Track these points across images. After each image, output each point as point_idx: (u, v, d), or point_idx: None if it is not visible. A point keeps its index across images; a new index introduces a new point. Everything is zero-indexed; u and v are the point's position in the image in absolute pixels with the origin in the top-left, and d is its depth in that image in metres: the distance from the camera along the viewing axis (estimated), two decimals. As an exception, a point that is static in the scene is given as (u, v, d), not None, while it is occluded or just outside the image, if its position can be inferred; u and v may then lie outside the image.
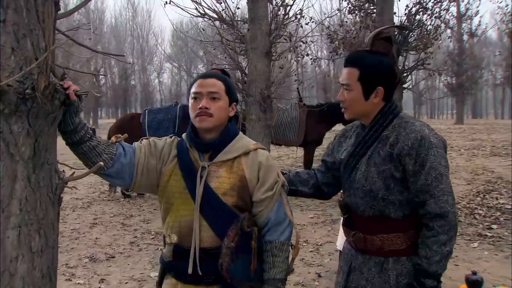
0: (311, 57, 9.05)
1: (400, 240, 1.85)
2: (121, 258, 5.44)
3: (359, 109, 1.92)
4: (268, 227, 1.89)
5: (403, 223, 1.85)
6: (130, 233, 6.52)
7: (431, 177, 1.77)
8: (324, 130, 9.00)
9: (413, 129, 1.82)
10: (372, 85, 1.87)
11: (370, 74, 1.86)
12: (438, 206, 1.76)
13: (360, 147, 1.93)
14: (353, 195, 1.94)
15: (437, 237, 1.75)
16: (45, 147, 1.57)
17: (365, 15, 8.69)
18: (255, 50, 7.41)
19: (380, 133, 1.89)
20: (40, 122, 1.54)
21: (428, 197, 1.77)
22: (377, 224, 1.88)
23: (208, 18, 7.65)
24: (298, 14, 7.67)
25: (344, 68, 1.93)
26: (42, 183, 1.56)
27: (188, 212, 1.87)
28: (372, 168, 1.86)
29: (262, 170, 1.89)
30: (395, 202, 1.84)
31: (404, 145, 1.80)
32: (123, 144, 1.92)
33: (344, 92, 1.92)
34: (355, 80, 1.87)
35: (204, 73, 1.97)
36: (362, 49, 1.94)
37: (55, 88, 1.54)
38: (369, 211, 1.89)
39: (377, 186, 1.85)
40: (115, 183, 1.95)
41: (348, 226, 2.01)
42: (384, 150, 1.85)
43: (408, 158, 1.79)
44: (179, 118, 8.37)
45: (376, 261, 1.89)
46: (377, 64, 1.87)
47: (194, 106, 1.89)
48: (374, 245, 1.88)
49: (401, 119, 1.90)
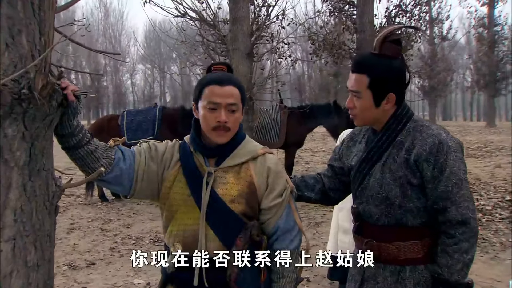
0: (291, 59, 9.02)
1: (417, 248, 1.78)
2: (102, 265, 5.25)
3: (370, 117, 1.83)
4: (276, 235, 1.80)
5: (420, 230, 1.79)
6: (109, 239, 6.32)
7: (452, 182, 1.70)
8: (305, 132, 8.98)
9: (430, 133, 1.75)
10: (383, 92, 1.78)
11: (381, 81, 1.77)
12: (459, 213, 1.69)
13: (373, 153, 1.85)
14: (366, 202, 1.86)
15: (459, 245, 1.69)
16: (42, 152, 1.45)
17: (345, 17, 8.72)
18: (236, 51, 7.34)
19: (394, 138, 1.81)
20: (37, 125, 1.41)
21: (449, 204, 1.71)
22: (393, 232, 1.81)
23: (189, 18, 7.52)
24: (280, 15, 7.61)
25: (352, 73, 1.82)
26: (38, 191, 1.44)
27: (193, 220, 1.76)
28: (387, 174, 1.79)
29: (271, 176, 1.80)
30: (413, 210, 1.77)
31: (422, 150, 1.72)
32: (121, 148, 1.80)
33: (353, 99, 1.82)
34: (365, 88, 1.78)
35: (219, 77, 1.78)
36: (370, 52, 1.84)
37: (53, 88, 1.42)
38: (385, 219, 1.81)
39: (393, 194, 1.77)
40: (114, 189, 1.83)
41: (359, 233, 1.92)
42: (400, 155, 1.77)
43: (426, 164, 1.72)
44: (158, 120, 8.22)
45: (391, 270, 1.81)
46: (387, 70, 1.77)
47: (211, 118, 1.74)
48: (389, 253, 1.80)
49: (415, 123, 1.82)
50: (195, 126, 1.85)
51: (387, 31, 1.80)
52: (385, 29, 1.83)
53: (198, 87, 1.80)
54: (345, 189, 2.05)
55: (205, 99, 1.76)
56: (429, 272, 1.77)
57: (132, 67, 56.51)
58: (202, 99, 1.77)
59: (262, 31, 7.44)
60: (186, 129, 8.62)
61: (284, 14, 7.63)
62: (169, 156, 1.84)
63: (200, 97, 1.78)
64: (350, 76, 1.85)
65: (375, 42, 1.81)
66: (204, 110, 1.76)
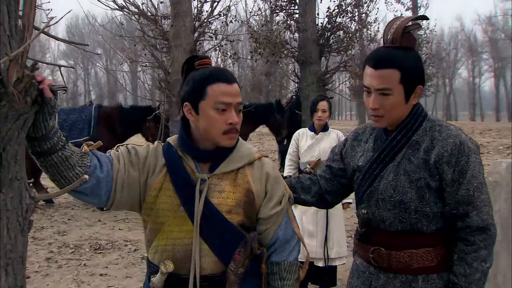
0: (233, 57, 8.88)
1: (430, 256, 1.67)
2: (37, 278, 4.80)
3: (398, 115, 1.69)
4: (275, 246, 1.65)
5: (434, 237, 1.68)
6: (44, 248, 5.82)
7: (473, 186, 1.61)
8: (248, 131, 8.91)
9: (450, 134, 1.65)
10: (413, 85, 1.67)
11: (412, 74, 1.65)
12: (480, 218, 1.61)
13: (386, 153, 1.73)
14: (375, 206, 1.74)
15: (478, 253, 1.60)
16: (15, 158, 1.22)
17: (287, 16, 8.74)
18: (178, 48, 7.06)
19: (409, 138, 1.70)
20: (9, 126, 1.18)
21: (471, 209, 1.61)
22: (405, 239, 1.69)
23: (128, 12, 7.13)
24: (225, 11, 7.45)
25: (376, 70, 1.65)
26: (10, 204, 1.21)
27: (185, 234, 1.57)
28: (402, 176, 1.68)
29: (270, 182, 1.64)
30: (429, 215, 1.66)
31: (444, 151, 1.63)
32: (97, 154, 1.56)
33: (379, 98, 1.67)
34: (397, 83, 1.64)
35: (224, 74, 1.60)
36: (388, 46, 1.70)
37: (31, 82, 1.19)
38: (398, 224, 1.70)
39: (408, 197, 1.66)
40: (89, 201, 1.58)
41: (366, 241, 1.79)
42: (417, 156, 1.67)
43: (447, 166, 1.62)
44: (94, 119, 7.75)
45: (402, 280, 1.69)
46: (415, 61, 1.67)
47: (221, 120, 1.56)
48: (400, 262, 1.68)
49: (432, 122, 1.72)
50: (184, 127, 1.66)
51: (403, 22, 1.68)
52: (397, 20, 1.70)
53: (197, 86, 1.59)
54: (343, 192, 1.95)
55: (211, 99, 1.56)
56: (444, 281, 1.67)
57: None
58: (205, 99, 1.56)
59: (205, 27, 7.23)
60: (126, 129, 8.15)
61: (229, 11, 7.49)
62: (153, 161, 1.63)
63: (203, 96, 1.57)
64: (371, 74, 1.67)
65: (392, 34, 1.67)
66: (211, 111, 1.56)
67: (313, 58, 8.22)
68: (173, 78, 7.09)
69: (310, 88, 8.23)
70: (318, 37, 8.23)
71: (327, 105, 4.13)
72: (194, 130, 1.63)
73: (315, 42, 8.16)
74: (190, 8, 7.15)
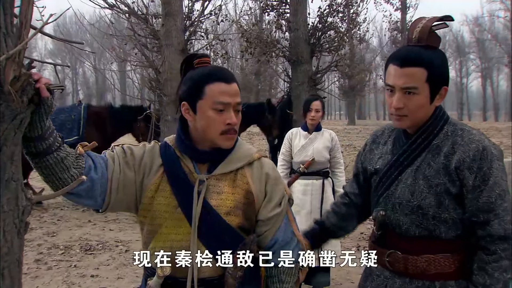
0: (224, 56, 8.84)
1: (448, 262, 1.62)
2: (27, 280, 4.73)
3: (423, 115, 1.64)
4: (274, 248, 1.62)
5: (453, 243, 1.64)
6: (33, 250, 5.74)
7: (495, 194, 1.55)
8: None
9: (472, 138, 1.60)
10: (439, 85, 1.62)
11: (438, 73, 1.61)
12: (502, 227, 1.55)
13: (405, 156, 1.68)
14: (392, 210, 1.69)
15: (499, 263, 1.55)
16: (11, 159, 1.19)
17: (278, 15, 8.74)
18: (169, 47, 7.03)
19: (430, 142, 1.65)
20: (5, 126, 1.15)
21: (492, 217, 1.56)
22: (423, 244, 1.65)
23: (118, 11, 7.07)
24: (217, 10, 7.41)
25: (402, 68, 1.60)
26: (7, 206, 1.18)
27: (182, 236, 1.54)
28: (421, 181, 1.63)
29: (270, 183, 1.61)
30: (448, 221, 1.62)
31: (465, 157, 1.57)
32: (91, 155, 1.53)
33: (403, 98, 1.61)
34: (423, 82, 1.59)
35: (223, 73, 1.58)
36: (414, 44, 1.64)
37: (28, 80, 1.16)
38: (415, 230, 1.65)
39: (427, 202, 1.61)
40: (84, 203, 1.55)
41: (381, 244, 1.74)
42: (438, 161, 1.62)
43: (469, 172, 1.57)
44: (83, 119, 7.66)
45: (419, 285, 1.64)
46: (442, 61, 1.62)
47: (219, 121, 1.53)
48: (417, 266, 1.63)
49: (454, 126, 1.67)
50: (182, 127, 1.63)
51: (429, 21, 1.63)
52: (422, 19, 1.65)
53: (195, 85, 1.56)
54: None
55: (209, 99, 1.53)
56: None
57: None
58: (204, 98, 1.53)
59: (196, 26, 7.19)
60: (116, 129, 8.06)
61: (221, 10, 7.45)
62: (149, 161, 1.60)
63: (201, 96, 1.54)
64: (396, 72, 1.61)
65: (418, 33, 1.62)
66: (209, 111, 1.53)
67: (304, 57, 8.22)
68: (163, 77, 7.06)
69: (301, 88, 8.23)
70: (309, 36, 8.23)
71: (320, 105, 4.13)
72: (192, 130, 1.60)
73: (306, 41, 8.16)
74: (181, 7, 7.12)
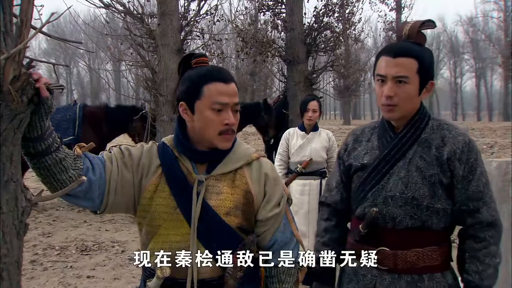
0: (220, 56, 8.84)
1: (435, 255, 1.69)
2: (22, 281, 4.59)
3: (411, 107, 1.71)
4: (273, 249, 1.62)
5: (440, 235, 1.71)
6: (28, 250, 5.70)
7: (482, 183, 1.67)
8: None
9: (459, 132, 1.72)
10: (427, 78, 1.70)
11: (427, 67, 1.70)
12: (490, 214, 1.66)
13: (396, 150, 1.73)
14: (383, 203, 1.71)
15: (489, 249, 1.64)
16: (10, 159, 1.18)
17: (274, 15, 8.74)
18: (165, 47, 7.02)
19: (419, 135, 1.73)
20: (5, 126, 1.14)
21: (481, 204, 1.66)
22: (413, 237, 1.69)
23: (114, 10, 7.05)
24: (213, 9, 7.40)
25: (394, 58, 1.67)
26: (6, 207, 1.17)
27: (181, 237, 1.54)
28: (415, 173, 1.69)
29: (269, 183, 1.61)
30: (439, 211, 1.68)
31: (456, 148, 1.68)
32: (88, 156, 1.52)
33: (395, 87, 1.67)
34: (414, 73, 1.67)
35: (222, 73, 1.57)
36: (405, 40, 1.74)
37: (27, 80, 1.15)
38: (409, 221, 1.69)
39: (421, 193, 1.67)
40: (82, 205, 1.54)
41: (367, 242, 1.74)
42: (430, 153, 1.70)
43: (459, 163, 1.67)
44: (79, 119, 7.62)
45: (408, 280, 1.68)
46: (430, 56, 1.73)
47: (217, 121, 1.52)
48: (406, 261, 1.68)
49: (438, 121, 1.77)
50: (180, 127, 1.62)
51: (417, 22, 1.74)
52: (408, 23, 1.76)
53: (192, 85, 1.55)
54: None
55: (207, 99, 1.52)
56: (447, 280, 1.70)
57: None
58: (201, 99, 1.52)
59: (192, 26, 7.18)
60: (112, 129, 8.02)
61: (217, 10, 7.44)
62: (147, 162, 1.59)
63: (199, 96, 1.53)
64: (389, 62, 1.68)
65: (408, 31, 1.73)
66: (207, 111, 1.52)
67: (300, 57, 8.24)
68: (159, 77, 7.04)
69: (297, 88, 8.26)
70: (305, 36, 8.25)
71: (317, 105, 4.15)
72: (190, 131, 1.60)
73: (302, 41, 8.18)
74: (177, 6, 7.11)
